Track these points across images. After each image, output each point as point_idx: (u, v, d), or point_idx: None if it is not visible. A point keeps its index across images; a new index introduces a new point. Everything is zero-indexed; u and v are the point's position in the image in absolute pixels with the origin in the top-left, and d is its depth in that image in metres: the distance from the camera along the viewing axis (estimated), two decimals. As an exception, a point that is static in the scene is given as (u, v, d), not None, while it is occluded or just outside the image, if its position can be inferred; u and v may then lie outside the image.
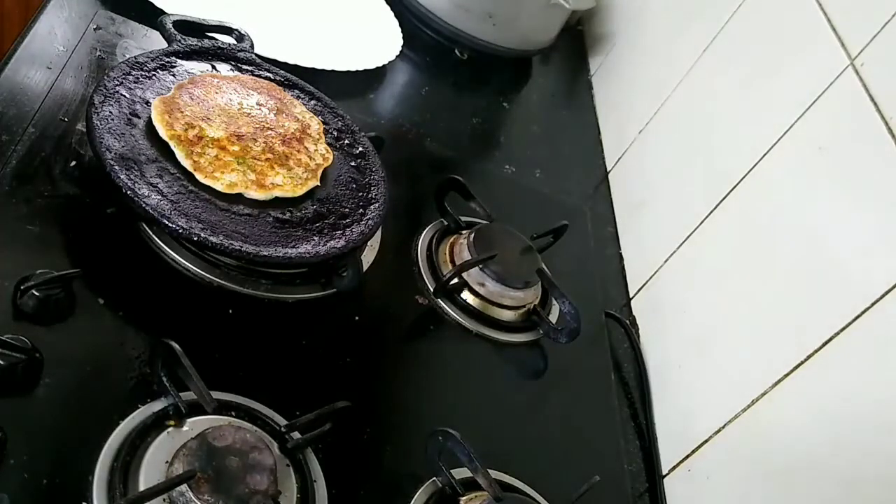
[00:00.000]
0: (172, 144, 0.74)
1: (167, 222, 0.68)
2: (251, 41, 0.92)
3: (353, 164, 0.87)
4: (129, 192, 0.68)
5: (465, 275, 0.87)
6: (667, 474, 0.84)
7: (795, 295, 0.75)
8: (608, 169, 1.23)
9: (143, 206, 0.68)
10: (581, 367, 0.91)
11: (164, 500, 0.55)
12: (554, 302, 0.93)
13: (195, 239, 0.69)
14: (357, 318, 0.79)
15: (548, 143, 1.25)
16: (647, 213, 1.09)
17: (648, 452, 0.86)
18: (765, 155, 0.86)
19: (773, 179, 0.84)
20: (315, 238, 0.76)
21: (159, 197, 0.70)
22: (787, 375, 0.72)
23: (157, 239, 0.73)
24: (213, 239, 0.69)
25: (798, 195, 0.80)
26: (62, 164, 0.74)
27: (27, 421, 0.57)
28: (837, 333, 0.68)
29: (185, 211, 0.70)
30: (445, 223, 0.94)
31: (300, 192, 0.79)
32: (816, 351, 0.70)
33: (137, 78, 0.79)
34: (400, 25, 1.19)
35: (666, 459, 0.85)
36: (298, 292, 0.77)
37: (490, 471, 0.68)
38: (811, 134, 0.80)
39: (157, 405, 0.61)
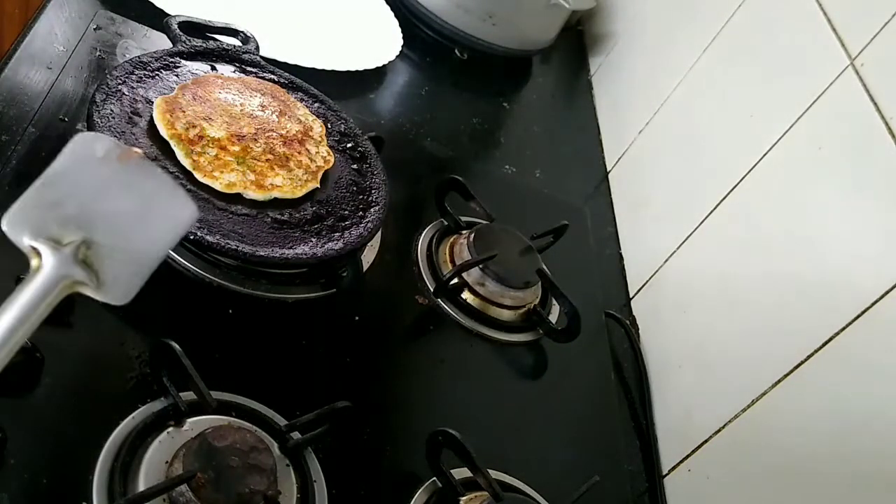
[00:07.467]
0: (173, 143, 0.75)
1: (165, 221, 0.68)
2: (256, 43, 0.92)
3: (354, 167, 0.87)
4: (127, 191, 0.68)
5: (465, 275, 0.87)
6: (667, 474, 0.84)
7: (795, 294, 0.75)
8: (608, 169, 1.23)
9: (141, 204, 0.68)
10: (581, 367, 0.91)
11: (164, 500, 0.55)
12: (554, 302, 0.93)
13: (191, 237, 0.68)
14: (357, 318, 0.79)
15: (548, 143, 1.25)
16: (647, 213, 1.09)
17: (648, 452, 0.86)
18: (765, 155, 0.86)
19: (773, 179, 0.84)
20: (313, 239, 0.76)
21: (158, 196, 0.70)
22: (787, 375, 0.72)
23: (157, 239, 0.73)
24: (209, 238, 0.69)
25: (798, 195, 0.80)
26: (62, 164, 0.74)
27: (27, 421, 0.57)
28: (837, 333, 0.68)
29: (185, 210, 0.70)
30: (445, 223, 0.94)
31: (299, 193, 0.79)
32: (816, 351, 0.70)
33: (140, 77, 0.80)
34: (400, 25, 1.19)
35: (666, 459, 0.85)
36: (298, 292, 0.77)
37: (490, 471, 0.68)
38: (811, 134, 0.80)
39: (157, 405, 0.61)
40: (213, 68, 0.87)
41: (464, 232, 0.93)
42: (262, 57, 0.92)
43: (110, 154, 0.45)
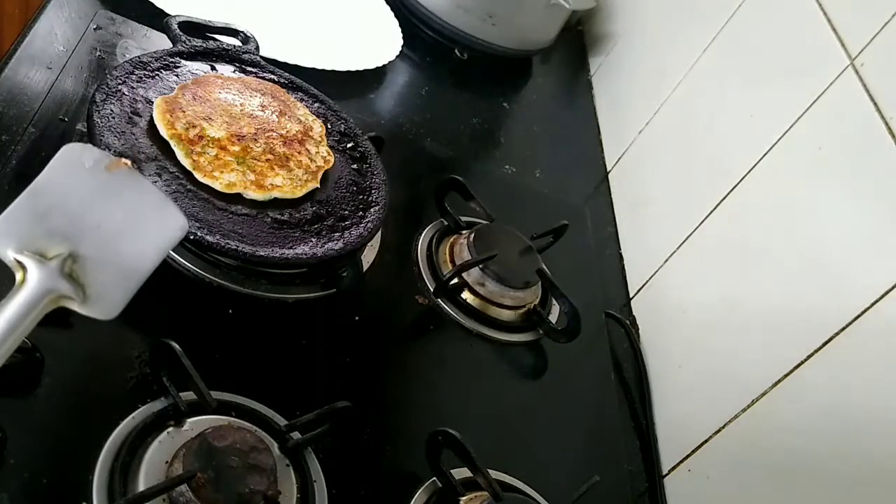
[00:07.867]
0: (173, 143, 0.75)
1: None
2: (256, 43, 0.92)
3: (354, 167, 0.87)
4: (127, 191, 0.68)
5: (465, 275, 0.87)
6: (667, 474, 0.84)
7: (795, 295, 0.75)
8: (608, 169, 1.23)
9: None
10: (581, 367, 0.91)
11: (163, 500, 0.55)
12: (554, 302, 0.93)
13: (191, 237, 0.68)
14: (357, 318, 0.79)
15: (548, 143, 1.25)
16: (647, 213, 1.09)
17: (648, 452, 0.86)
18: (765, 155, 0.86)
19: (773, 179, 0.84)
20: (313, 239, 0.76)
21: (158, 196, 0.70)
22: (787, 375, 0.72)
23: (157, 239, 0.72)
24: (209, 238, 0.69)
25: (798, 195, 0.80)
26: (62, 164, 0.74)
27: (27, 421, 0.57)
28: (837, 333, 0.68)
29: (183, 209, 0.70)
30: (445, 223, 0.94)
31: (299, 193, 0.79)
32: (816, 351, 0.70)
33: (140, 77, 0.79)
34: (400, 25, 1.19)
35: (666, 459, 0.85)
36: (298, 292, 0.77)
37: (490, 471, 0.68)
38: (811, 134, 0.80)
39: (157, 405, 0.61)
40: (213, 68, 0.87)
41: (464, 232, 0.93)
42: (262, 57, 0.91)
43: (98, 164, 0.43)
